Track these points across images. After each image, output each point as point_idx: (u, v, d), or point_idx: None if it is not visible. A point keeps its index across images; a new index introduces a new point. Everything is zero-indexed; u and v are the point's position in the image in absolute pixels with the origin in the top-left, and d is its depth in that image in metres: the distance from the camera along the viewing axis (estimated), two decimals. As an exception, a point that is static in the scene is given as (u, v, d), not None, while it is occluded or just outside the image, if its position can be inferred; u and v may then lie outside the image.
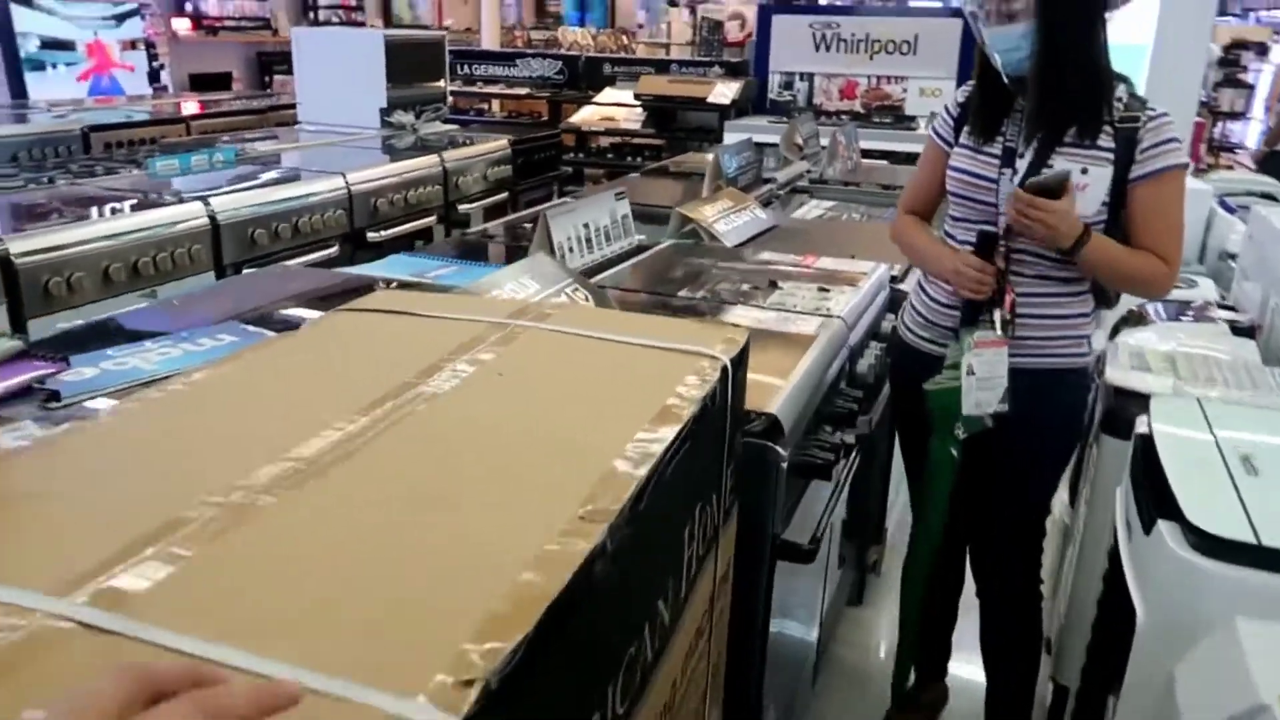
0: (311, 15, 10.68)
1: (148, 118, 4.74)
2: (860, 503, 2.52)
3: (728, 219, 2.64)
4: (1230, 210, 3.80)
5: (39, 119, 4.69)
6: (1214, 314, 2.64)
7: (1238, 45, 8.08)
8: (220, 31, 9.69)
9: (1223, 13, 5.24)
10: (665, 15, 6.61)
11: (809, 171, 3.93)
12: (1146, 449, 1.22)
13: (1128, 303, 2.78)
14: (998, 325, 1.76)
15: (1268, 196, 4.16)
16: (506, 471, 0.84)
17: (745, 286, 2.07)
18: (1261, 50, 11.78)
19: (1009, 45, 1.73)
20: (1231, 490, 1.15)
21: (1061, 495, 2.44)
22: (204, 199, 2.90)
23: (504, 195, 4.45)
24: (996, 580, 1.99)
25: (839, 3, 6.00)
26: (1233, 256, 3.36)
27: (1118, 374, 1.93)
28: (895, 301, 2.29)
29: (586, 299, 1.79)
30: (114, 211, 2.69)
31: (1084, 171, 1.75)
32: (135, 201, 2.84)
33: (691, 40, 6.17)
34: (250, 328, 1.66)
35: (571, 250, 2.17)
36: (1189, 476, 1.12)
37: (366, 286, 1.91)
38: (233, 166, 3.61)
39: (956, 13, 5.36)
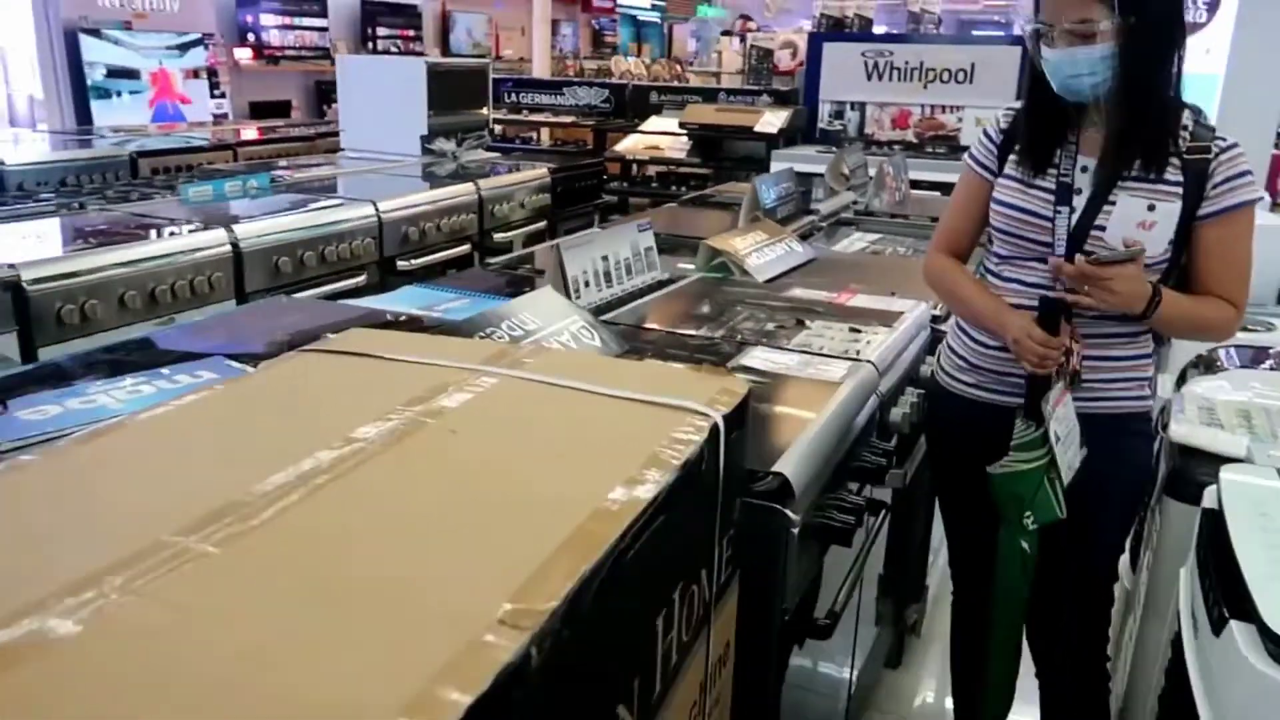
0: (370, 45, 10.88)
1: (196, 144, 4.77)
2: (898, 559, 2.34)
3: (760, 252, 2.50)
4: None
5: (96, 144, 4.75)
6: (1292, 360, 2.42)
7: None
8: (281, 61, 9.92)
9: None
10: (716, 44, 6.51)
11: (855, 203, 3.77)
12: (1216, 529, 1.04)
13: (1192, 345, 2.57)
14: (1065, 380, 1.60)
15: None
16: (421, 558, 0.71)
17: (770, 325, 1.93)
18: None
19: (1078, 70, 1.54)
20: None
21: (1124, 557, 2.23)
22: (228, 225, 2.85)
23: (543, 224, 4.37)
24: (1059, 655, 1.80)
25: (893, 31, 5.85)
26: (1314, 296, 3.12)
27: (1184, 429, 1.74)
28: (936, 343, 2.12)
29: (594, 337, 1.67)
30: (134, 238, 2.65)
31: (1150, 208, 1.58)
32: (158, 228, 2.80)
33: (741, 69, 6.05)
34: (234, 364, 1.56)
35: (587, 285, 2.05)
36: (1268, 569, 0.94)
37: (364, 320, 1.81)
38: (268, 193, 3.58)
39: (1016, 40, 5.18)
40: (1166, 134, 1.57)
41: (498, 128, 6.77)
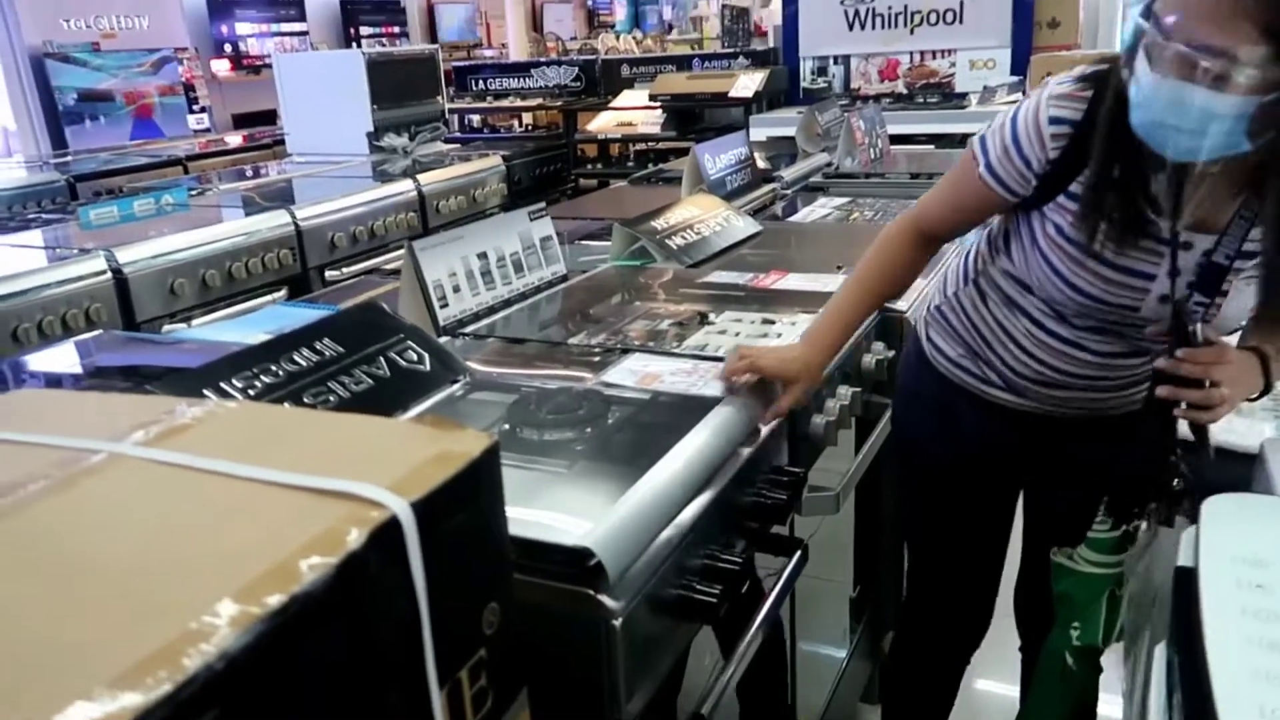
0: (355, 44, 10.60)
1: (133, 164, 4.51)
2: (869, 577, 1.99)
3: (688, 231, 2.15)
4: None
5: (19, 173, 4.51)
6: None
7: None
8: (263, 70, 9.69)
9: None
10: (694, 9, 6.12)
11: (828, 165, 3.39)
12: (1187, 603, 0.69)
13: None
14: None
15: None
16: None
17: (666, 324, 1.58)
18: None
19: (1186, 122, 0.96)
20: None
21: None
22: (110, 251, 2.56)
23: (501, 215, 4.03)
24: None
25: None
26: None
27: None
28: (887, 331, 1.76)
29: (422, 361, 1.34)
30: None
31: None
32: (28, 261, 2.52)
33: (719, 34, 5.67)
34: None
35: (457, 290, 1.72)
36: (1247, 674, 0.59)
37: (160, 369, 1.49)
38: (185, 209, 3.29)
39: (1008, -28, 4.73)
40: None
41: (475, 118, 6.46)
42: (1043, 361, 1.29)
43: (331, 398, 1.24)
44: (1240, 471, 1.18)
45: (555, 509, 0.99)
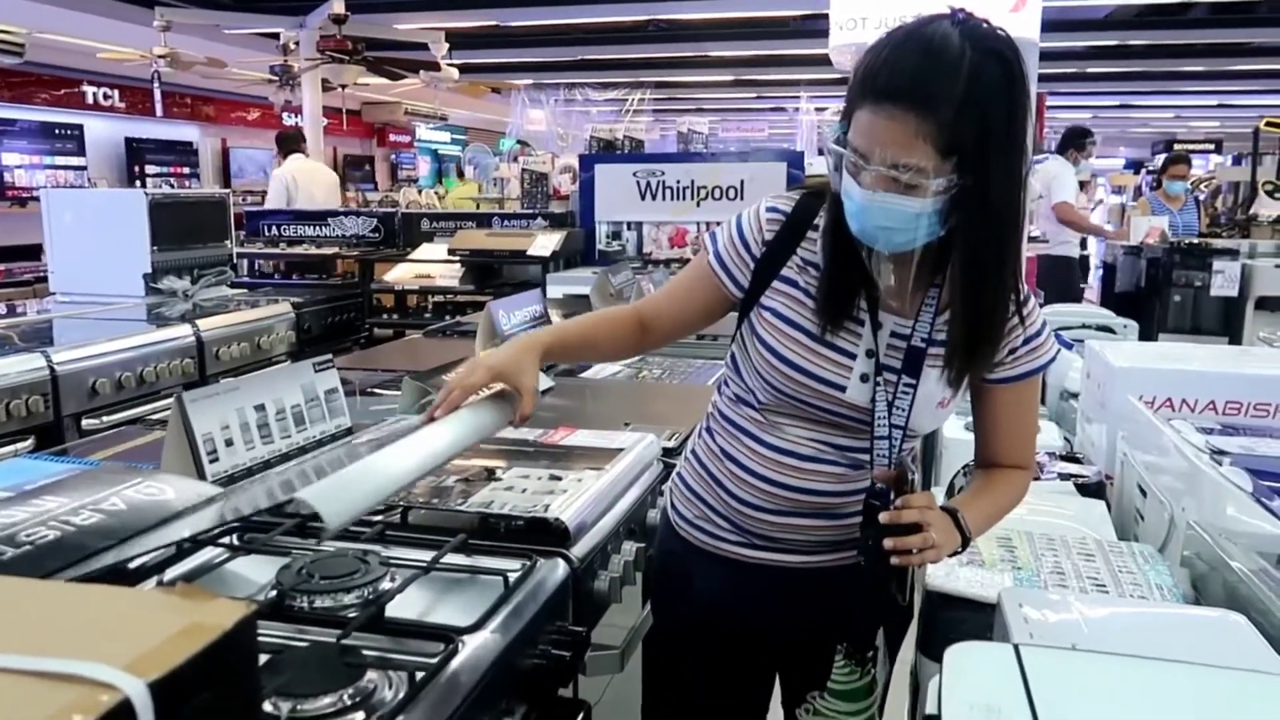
0: (140, 183, 10.17)
1: None
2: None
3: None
4: (1068, 346, 3.55)
5: None
6: (1058, 468, 2.26)
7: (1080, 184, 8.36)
8: (30, 203, 9.07)
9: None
10: (495, 170, 6.33)
11: (621, 324, 3.52)
12: None
13: (962, 451, 2.38)
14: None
15: (1103, 329, 3.98)
16: None
17: (452, 479, 1.56)
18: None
19: (890, 222, 1.16)
20: None
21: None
22: None
23: (284, 366, 3.90)
24: None
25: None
26: (1074, 395, 3.07)
27: (940, 573, 1.48)
28: (666, 480, 1.81)
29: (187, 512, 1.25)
30: None
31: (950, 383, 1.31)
32: None
33: (519, 195, 5.88)
34: None
35: (230, 444, 1.63)
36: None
37: None
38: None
39: (783, 155, 5.24)
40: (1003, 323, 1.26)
41: (266, 264, 6.28)
42: (763, 479, 1.36)
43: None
44: (983, 620, 1.28)
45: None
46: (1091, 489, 2.09)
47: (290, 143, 6.77)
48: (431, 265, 5.25)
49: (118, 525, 1.20)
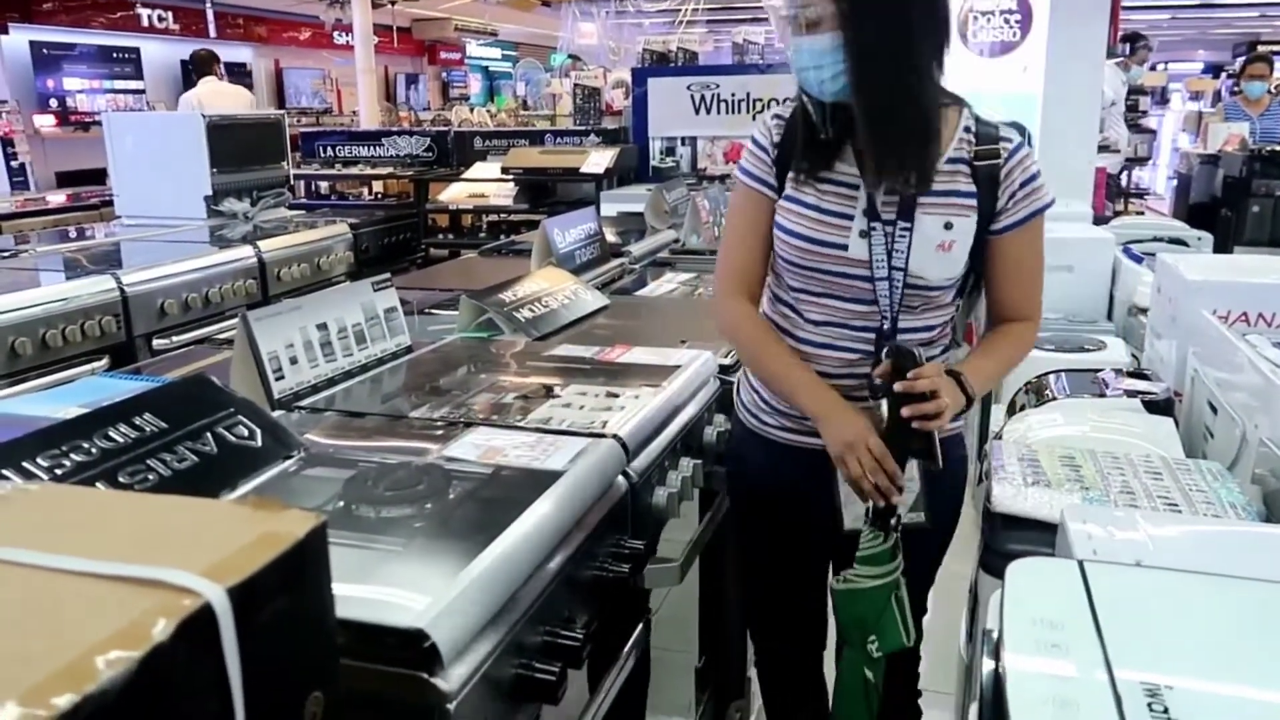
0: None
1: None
2: (714, 645, 2.00)
3: (534, 305, 2.16)
4: (1137, 260, 3.44)
5: None
6: (1124, 385, 2.22)
7: (1135, 91, 7.97)
8: (93, 127, 9.20)
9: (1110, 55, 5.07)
10: (546, 86, 6.25)
11: (676, 241, 3.50)
12: (995, 700, 0.73)
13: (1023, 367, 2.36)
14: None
15: (1176, 241, 3.84)
16: None
17: (511, 396, 1.58)
18: (1162, 98, 11.89)
19: (803, 63, 1.37)
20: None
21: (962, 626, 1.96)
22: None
23: (344, 285, 3.94)
24: None
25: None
26: (1143, 311, 2.98)
27: (1004, 493, 1.47)
28: (727, 404, 1.81)
29: (253, 436, 1.29)
30: None
31: (948, 226, 1.39)
32: None
33: (571, 111, 5.81)
34: None
35: (294, 362, 1.66)
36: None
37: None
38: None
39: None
40: (921, 139, 1.36)
41: (323, 185, 6.33)
42: (804, 340, 1.49)
43: (151, 477, 1.16)
44: (1048, 540, 1.27)
45: (388, 588, 0.96)
46: (1159, 406, 2.05)
47: (203, 65, 6.12)
48: (485, 184, 5.24)
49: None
